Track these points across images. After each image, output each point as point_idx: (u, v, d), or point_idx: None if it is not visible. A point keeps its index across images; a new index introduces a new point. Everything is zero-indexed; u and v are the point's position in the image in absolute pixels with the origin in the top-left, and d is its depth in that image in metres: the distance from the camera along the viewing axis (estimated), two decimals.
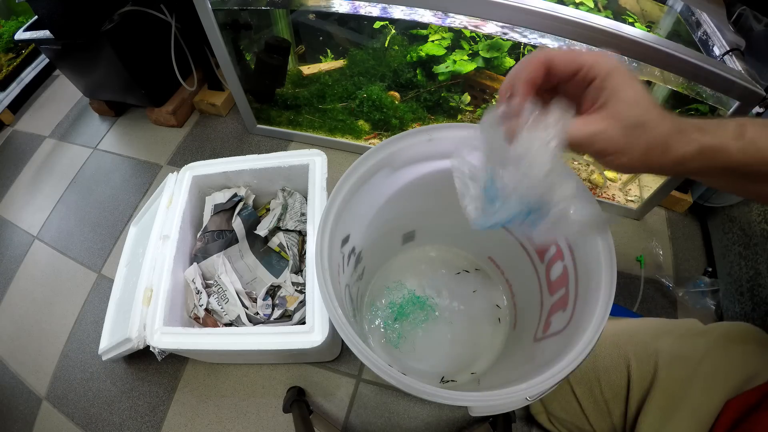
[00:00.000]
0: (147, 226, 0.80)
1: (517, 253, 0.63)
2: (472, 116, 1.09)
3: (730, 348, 0.43)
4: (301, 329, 0.59)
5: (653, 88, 0.91)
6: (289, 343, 0.58)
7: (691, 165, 0.30)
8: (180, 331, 0.63)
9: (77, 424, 0.81)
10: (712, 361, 0.42)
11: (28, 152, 1.29)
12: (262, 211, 0.91)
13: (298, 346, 0.58)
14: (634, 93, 0.29)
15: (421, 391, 0.37)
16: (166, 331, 0.63)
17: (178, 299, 0.71)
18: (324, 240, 0.48)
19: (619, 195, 0.99)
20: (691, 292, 0.85)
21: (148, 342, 0.63)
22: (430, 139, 0.53)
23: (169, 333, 0.63)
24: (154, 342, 0.62)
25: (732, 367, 0.42)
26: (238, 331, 0.62)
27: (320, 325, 0.59)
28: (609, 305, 0.40)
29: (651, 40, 0.62)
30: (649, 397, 0.44)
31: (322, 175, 0.74)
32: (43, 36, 1.05)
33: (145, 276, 0.69)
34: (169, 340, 0.62)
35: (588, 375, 0.48)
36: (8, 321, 0.97)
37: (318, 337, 0.58)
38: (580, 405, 0.49)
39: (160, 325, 0.63)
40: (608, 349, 0.48)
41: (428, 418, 0.76)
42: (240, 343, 0.60)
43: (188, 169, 0.81)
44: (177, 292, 0.71)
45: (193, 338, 0.62)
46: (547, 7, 0.65)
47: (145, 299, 0.67)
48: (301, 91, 1.13)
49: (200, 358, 0.83)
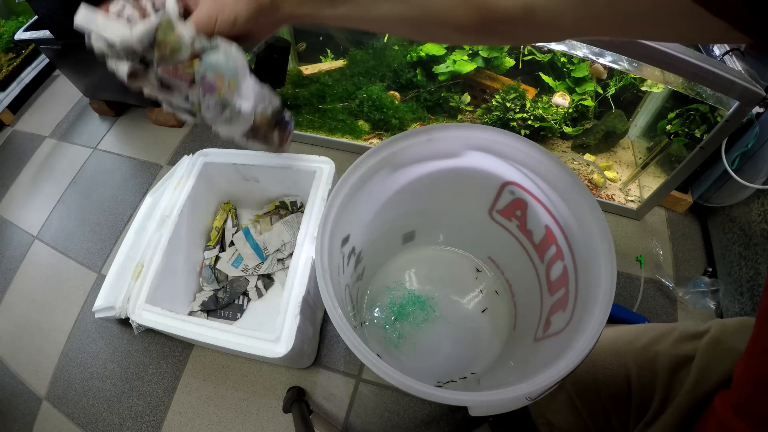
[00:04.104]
0: (158, 200, 0.82)
1: (517, 253, 0.63)
2: (472, 116, 1.09)
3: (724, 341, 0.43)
4: (268, 337, 0.60)
5: (652, 89, 0.91)
6: (254, 348, 0.59)
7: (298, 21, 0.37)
8: (159, 311, 0.66)
9: (77, 424, 0.81)
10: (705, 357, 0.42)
11: (28, 152, 1.29)
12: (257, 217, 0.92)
13: (262, 353, 0.59)
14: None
15: (421, 391, 0.37)
16: (147, 309, 0.66)
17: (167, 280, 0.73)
18: (324, 240, 0.48)
19: (619, 195, 0.99)
20: (691, 292, 0.85)
21: (129, 314, 0.66)
22: (430, 139, 0.53)
23: (149, 311, 0.66)
24: (134, 316, 0.65)
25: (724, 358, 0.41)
26: (210, 325, 0.64)
27: (287, 337, 0.59)
28: (609, 305, 0.40)
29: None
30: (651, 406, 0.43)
31: (326, 186, 0.74)
32: (43, 36, 1.05)
33: (140, 251, 0.72)
34: (147, 317, 0.65)
35: (588, 386, 0.48)
36: (8, 321, 0.97)
37: (282, 348, 0.59)
38: (582, 416, 0.49)
39: (143, 301, 0.66)
40: (608, 358, 0.48)
41: (428, 418, 0.75)
42: (210, 337, 0.62)
43: (201, 154, 0.83)
44: (167, 272, 0.73)
45: (169, 321, 0.65)
46: None
47: (135, 274, 0.70)
48: (301, 91, 1.13)
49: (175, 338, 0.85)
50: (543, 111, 0.99)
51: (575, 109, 0.99)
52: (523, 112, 1.00)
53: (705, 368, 0.41)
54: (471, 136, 0.53)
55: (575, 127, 1.01)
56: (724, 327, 0.43)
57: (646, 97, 0.97)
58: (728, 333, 0.43)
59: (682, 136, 0.83)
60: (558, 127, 1.01)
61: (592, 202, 0.46)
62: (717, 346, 0.42)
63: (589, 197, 0.46)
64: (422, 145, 0.53)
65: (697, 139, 0.79)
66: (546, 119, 1.00)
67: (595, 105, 0.98)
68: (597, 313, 0.40)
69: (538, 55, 0.98)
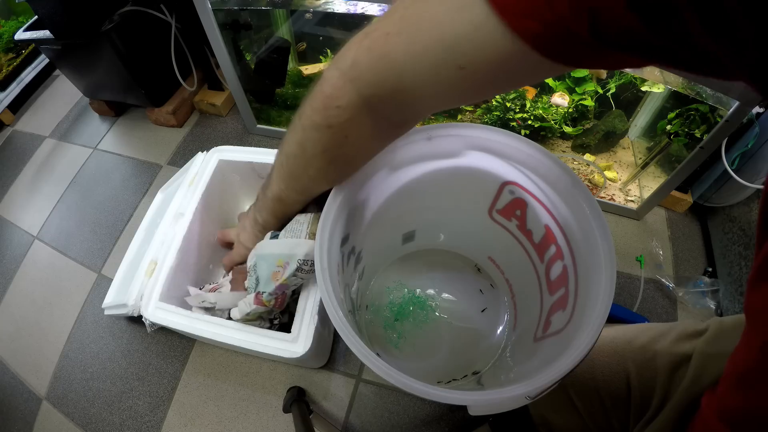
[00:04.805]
0: (169, 198, 0.81)
1: (517, 253, 0.63)
2: (472, 116, 1.09)
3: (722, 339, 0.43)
4: (286, 337, 0.59)
5: (652, 89, 0.91)
6: (272, 349, 0.59)
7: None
8: (173, 309, 0.65)
9: (77, 424, 0.81)
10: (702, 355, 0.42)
11: (28, 152, 1.29)
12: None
13: (280, 353, 0.58)
14: None
15: (421, 391, 0.37)
16: (161, 307, 0.65)
17: (180, 278, 0.72)
18: (324, 240, 0.48)
19: (619, 195, 0.99)
20: (691, 292, 0.85)
21: (141, 312, 0.65)
22: (429, 138, 0.53)
23: (163, 309, 0.64)
24: (147, 314, 0.64)
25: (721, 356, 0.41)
26: (226, 324, 0.63)
27: (305, 336, 0.59)
28: (609, 305, 0.40)
29: None
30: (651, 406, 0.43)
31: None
32: (43, 36, 1.05)
33: (153, 248, 0.71)
34: (161, 315, 0.64)
35: (588, 386, 0.48)
36: (8, 321, 0.97)
37: (300, 348, 0.58)
38: (581, 416, 0.49)
39: (156, 299, 0.65)
40: (607, 357, 0.48)
41: (428, 418, 0.75)
42: (225, 336, 0.61)
43: (216, 151, 0.81)
44: (181, 270, 0.72)
45: (183, 320, 0.64)
46: None
47: (149, 271, 0.69)
48: (301, 91, 1.13)
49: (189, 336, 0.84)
50: (543, 111, 0.99)
51: (575, 109, 0.99)
52: (523, 112, 1.00)
53: (702, 366, 0.41)
54: (471, 135, 0.53)
55: (575, 127, 1.01)
56: (722, 325, 0.43)
57: (646, 97, 0.97)
58: (726, 331, 0.43)
59: (682, 136, 0.83)
60: (558, 127, 1.01)
61: (592, 202, 0.46)
62: (714, 344, 0.42)
63: (589, 197, 0.46)
64: (422, 145, 0.53)
65: (697, 139, 0.79)
66: (546, 119, 1.00)
67: (595, 105, 0.98)
68: (597, 313, 0.40)
69: None
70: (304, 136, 0.41)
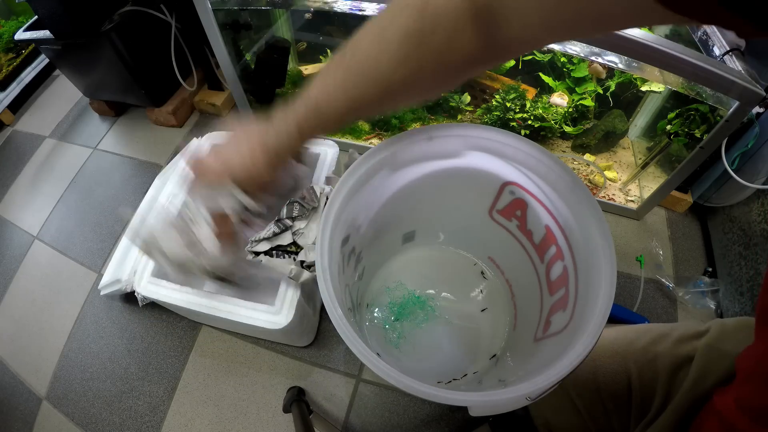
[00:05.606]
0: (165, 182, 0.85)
1: (517, 253, 0.63)
2: (472, 116, 1.09)
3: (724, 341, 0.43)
4: (269, 309, 0.63)
5: (652, 89, 0.91)
6: (255, 320, 0.62)
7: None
8: (164, 284, 0.69)
9: (77, 424, 0.81)
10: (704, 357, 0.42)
11: (28, 152, 1.29)
12: None
13: (263, 325, 0.62)
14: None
15: (421, 391, 0.37)
16: (152, 282, 0.70)
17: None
18: (324, 240, 0.48)
19: (619, 195, 0.99)
20: (691, 292, 0.85)
21: (134, 287, 0.70)
22: (429, 138, 0.53)
23: (154, 284, 0.69)
24: (140, 289, 0.69)
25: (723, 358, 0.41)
26: (213, 298, 0.66)
27: (288, 308, 0.62)
28: (609, 305, 0.40)
29: (651, 40, 0.62)
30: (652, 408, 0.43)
31: (329, 168, 0.79)
32: (43, 36, 1.05)
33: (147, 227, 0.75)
34: (152, 289, 0.69)
35: (588, 386, 0.48)
36: (8, 321, 0.97)
37: (282, 319, 0.62)
38: (582, 417, 0.49)
39: (149, 275, 0.70)
40: (608, 358, 0.48)
41: (428, 418, 0.75)
42: (210, 307, 0.65)
43: (210, 137, 0.85)
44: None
45: (172, 293, 0.68)
46: None
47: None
48: (301, 91, 1.13)
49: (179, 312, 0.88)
50: (543, 111, 0.99)
51: (575, 109, 0.99)
52: (523, 112, 1.00)
53: (704, 368, 0.41)
54: (471, 135, 0.53)
55: (575, 127, 1.01)
56: (723, 327, 0.43)
57: (646, 97, 0.97)
58: (728, 333, 0.43)
59: (682, 136, 0.83)
60: (558, 127, 1.01)
61: (592, 202, 0.46)
62: (716, 346, 0.42)
63: (589, 197, 0.46)
64: (422, 145, 0.53)
65: (697, 139, 0.79)
66: (546, 119, 1.00)
67: (595, 105, 0.98)
68: (597, 314, 0.40)
69: (538, 55, 0.98)
70: (389, 17, 0.35)
